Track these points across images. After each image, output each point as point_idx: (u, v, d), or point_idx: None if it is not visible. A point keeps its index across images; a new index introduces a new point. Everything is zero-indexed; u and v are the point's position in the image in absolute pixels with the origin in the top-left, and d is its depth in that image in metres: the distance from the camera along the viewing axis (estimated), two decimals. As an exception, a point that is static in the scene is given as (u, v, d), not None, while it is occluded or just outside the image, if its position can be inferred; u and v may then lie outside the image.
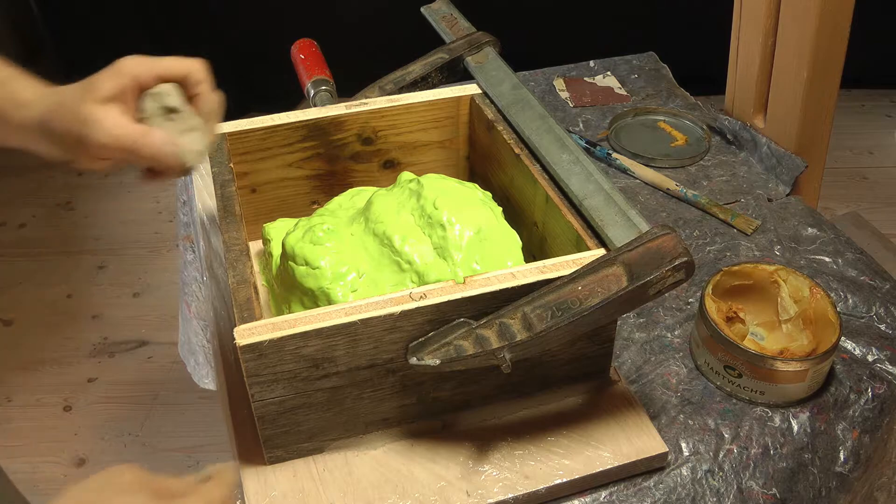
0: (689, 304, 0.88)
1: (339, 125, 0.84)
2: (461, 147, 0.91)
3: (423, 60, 0.94)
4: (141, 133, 0.63)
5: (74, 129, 0.63)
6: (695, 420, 0.75)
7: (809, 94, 1.04)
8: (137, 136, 0.63)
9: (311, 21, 2.42)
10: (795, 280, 0.81)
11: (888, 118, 2.62)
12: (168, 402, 1.79)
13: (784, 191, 1.05)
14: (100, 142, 0.62)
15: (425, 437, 0.70)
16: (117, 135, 0.62)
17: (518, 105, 0.84)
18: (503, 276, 0.64)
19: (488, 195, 0.80)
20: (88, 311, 2.03)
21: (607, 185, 0.72)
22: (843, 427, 0.76)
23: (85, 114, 0.62)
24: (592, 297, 0.62)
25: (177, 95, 0.66)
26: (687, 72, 1.48)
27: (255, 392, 0.63)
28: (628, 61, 1.35)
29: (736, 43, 1.13)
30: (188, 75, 0.66)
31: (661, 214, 1.01)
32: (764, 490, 0.71)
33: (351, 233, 0.76)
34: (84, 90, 0.64)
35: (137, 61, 0.66)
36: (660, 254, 0.63)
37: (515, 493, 0.66)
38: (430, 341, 0.63)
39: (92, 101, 0.63)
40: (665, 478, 0.70)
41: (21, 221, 2.29)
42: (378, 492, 0.66)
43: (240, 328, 0.60)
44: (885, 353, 0.82)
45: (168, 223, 2.29)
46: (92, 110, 0.63)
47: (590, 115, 1.21)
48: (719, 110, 1.21)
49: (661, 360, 0.81)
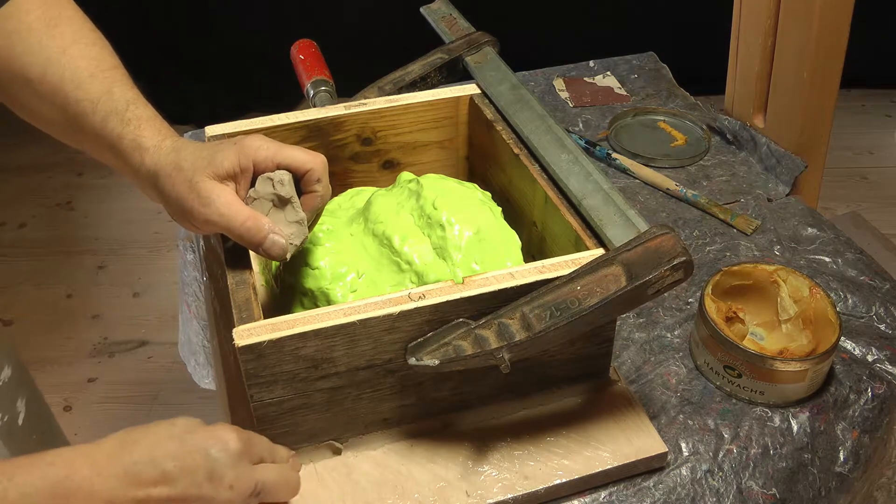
0: (688, 304, 0.88)
1: (339, 126, 0.84)
2: (460, 147, 0.91)
3: (423, 61, 0.94)
4: (254, 220, 0.63)
5: (186, 199, 0.63)
6: (694, 420, 0.75)
7: (809, 94, 1.04)
8: (250, 223, 0.63)
9: (311, 21, 2.42)
10: (795, 280, 0.81)
11: (888, 118, 2.62)
12: (168, 402, 1.79)
13: (784, 191, 1.05)
14: (209, 218, 0.63)
15: (425, 438, 0.70)
16: (228, 215, 0.62)
17: (517, 105, 0.84)
18: (502, 276, 0.64)
19: (488, 195, 0.80)
20: (88, 311, 2.03)
21: (606, 184, 0.72)
22: (843, 427, 0.76)
23: (200, 188, 0.62)
24: (591, 297, 0.62)
25: (291, 186, 0.65)
26: (687, 72, 1.48)
27: (255, 393, 0.63)
28: (628, 61, 1.35)
29: (736, 43, 1.13)
30: (309, 171, 0.66)
31: (660, 214, 1.01)
32: (764, 490, 0.71)
33: (350, 233, 0.76)
34: (205, 161, 0.63)
35: (263, 144, 0.65)
36: (659, 253, 0.63)
37: (515, 494, 0.66)
38: (430, 341, 0.63)
39: (209, 176, 0.63)
40: (665, 478, 0.70)
41: (21, 221, 2.29)
42: (378, 492, 0.66)
43: (239, 329, 0.60)
44: (885, 353, 0.82)
45: (168, 223, 2.27)
46: (207, 186, 0.63)
47: (589, 115, 1.21)
48: (719, 110, 1.21)
49: (661, 360, 0.81)
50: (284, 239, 0.65)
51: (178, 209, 0.64)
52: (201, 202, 0.62)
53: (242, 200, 0.65)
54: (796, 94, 1.05)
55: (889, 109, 2.65)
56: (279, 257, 0.65)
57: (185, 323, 1.24)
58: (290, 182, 0.66)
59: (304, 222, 0.67)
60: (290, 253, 0.66)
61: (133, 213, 2.33)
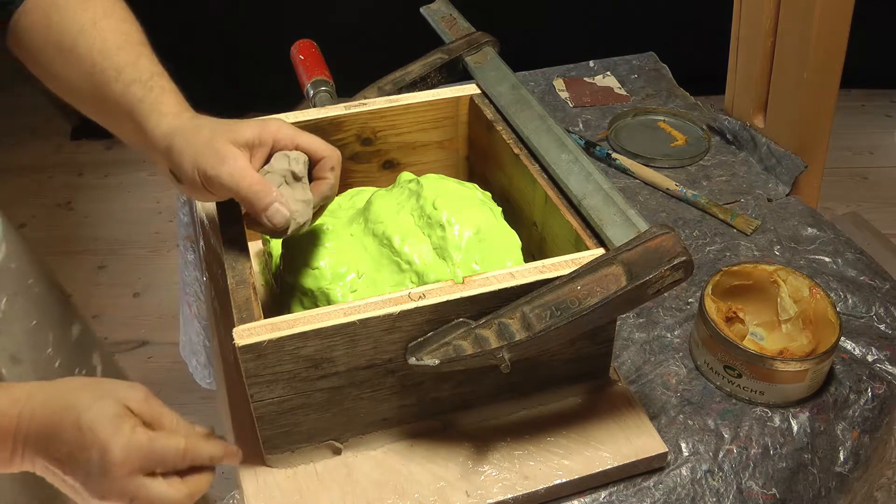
0: (688, 304, 0.88)
1: (339, 126, 0.84)
2: (460, 147, 0.91)
3: (423, 61, 0.94)
4: (262, 185, 0.64)
5: (201, 154, 0.64)
6: (694, 420, 0.75)
7: (809, 94, 1.04)
8: (259, 187, 0.64)
9: (311, 21, 2.42)
10: (795, 280, 0.81)
11: (888, 118, 2.62)
12: (168, 402, 1.75)
13: (784, 191, 1.05)
14: (221, 179, 0.64)
15: (425, 438, 0.70)
16: (238, 176, 0.64)
17: (517, 105, 0.84)
18: (502, 275, 0.64)
19: (488, 195, 0.80)
20: (88, 311, 2.03)
21: (606, 184, 0.72)
22: (843, 427, 0.76)
23: (218, 146, 0.64)
24: (591, 297, 0.62)
25: (305, 167, 0.67)
26: (687, 72, 1.48)
27: (255, 392, 0.63)
28: (628, 61, 1.35)
29: (736, 43, 1.13)
30: (324, 158, 0.68)
31: (660, 214, 1.01)
32: (764, 490, 0.71)
33: (350, 233, 0.76)
34: (226, 128, 0.66)
35: (283, 126, 0.68)
36: (659, 253, 0.63)
37: (515, 494, 0.66)
38: (430, 341, 0.63)
39: (228, 141, 0.65)
40: (665, 478, 0.70)
41: (21, 221, 2.29)
42: (377, 492, 0.66)
43: (239, 328, 0.60)
44: (885, 353, 0.82)
45: (168, 223, 2.29)
46: (226, 147, 0.64)
47: (590, 115, 1.21)
48: (719, 110, 1.21)
49: (661, 361, 0.81)
50: (288, 211, 0.65)
51: (190, 169, 0.64)
52: (216, 159, 0.63)
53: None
54: (796, 94, 1.05)
55: (889, 109, 2.65)
56: (280, 226, 0.65)
57: (186, 323, 1.24)
58: (306, 164, 0.67)
59: (311, 204, 0.67)
60: (291, 229, 0.66)
61: (133, 214, 2.33)
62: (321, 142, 0.69)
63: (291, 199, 0.66)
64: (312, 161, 0.68)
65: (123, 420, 0.56)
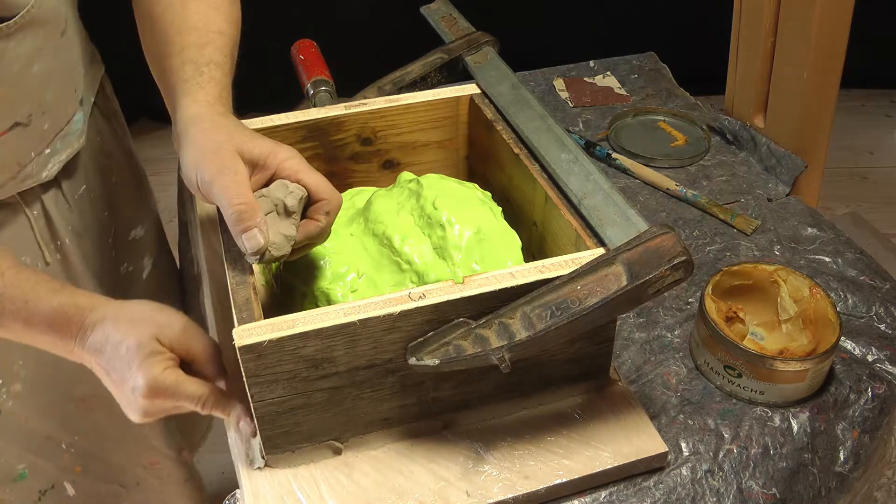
0: (688, 304, 0.88)
1: (339, 125, 0.84)
2: (460, 147, 0.91)
3: (423, 60, 0.94)
4: (249, 207, 0.64)
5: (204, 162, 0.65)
6: (694, 420, 0.75)
7: (809, 94, 1.04)
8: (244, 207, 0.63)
9: (311, 21, 2.42)
10: (795, 280, 0.81)
11: (888, 118, 2.62)
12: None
13: (784, 191, 1.05)
14: (212, 188, 0.64)
15: (425, 437, 0.70)
16: (230, 190, 0.64)
17: (517, 105, 0.84)
18: (502, 275, 0.64)
19: (488, 195, 0.80)
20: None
21: (606, 184, 0.72)
22: (843, 427, 0.76)
23: (223, 156, 0.65)
24: (591, 297, 0.62)
25: (300, 203, 0.66)
26: (687, 72, 1.48)
27: (255, 392, 0.63)
28: (628, 61, 1.35)
29: (736, 43, 1.13)
30: (323, 201, 0.67)
31: (660, 214, 1.01)
32: (764, 490, 0.71)
33: (350, 233, 0.76)
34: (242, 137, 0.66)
35: (293, 158, 0.67)
36: (659, 253, 0.63)
37: (515, 494, 0.66)
38: (430, 341, 0.63)
39: (237, 151, 0.65)
40: (665, 478, 0.70)
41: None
42: (378, 492, 0.66)
43: (239, 329, 0.60)
44: (885, 353, 0.82)
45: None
46: (230, 158, 0.65)
47: (590, 115, 1.21)
48: (719, 110, 1.21)
49: (661, 360, 0.81)
50: (264, 241, 0.64)
51: (191, 167, 0.65)
52: (216, 168, 0.64)
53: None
54: (796, 94, 1.05)
55: (889, 109, 2.65)
56: (250, 252, 0.64)
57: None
58: (302, 200, 0.66)
59: (292, 241, 0.66)
60: (260, 258, 0.64)
61: (133, 214, 2.32)
62: (326, 184, 0.67)
63: (273, 231, 0.65)
64: (311, 200, 0.67)
65: (156, 358, 0.63)
